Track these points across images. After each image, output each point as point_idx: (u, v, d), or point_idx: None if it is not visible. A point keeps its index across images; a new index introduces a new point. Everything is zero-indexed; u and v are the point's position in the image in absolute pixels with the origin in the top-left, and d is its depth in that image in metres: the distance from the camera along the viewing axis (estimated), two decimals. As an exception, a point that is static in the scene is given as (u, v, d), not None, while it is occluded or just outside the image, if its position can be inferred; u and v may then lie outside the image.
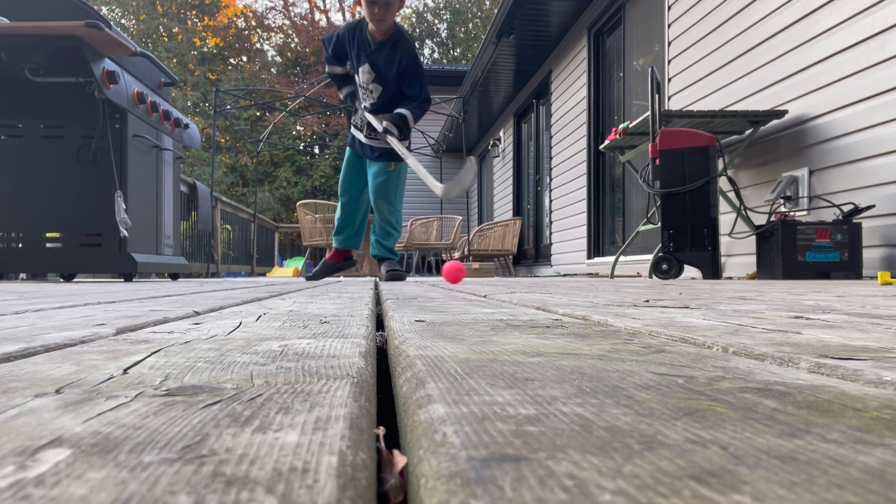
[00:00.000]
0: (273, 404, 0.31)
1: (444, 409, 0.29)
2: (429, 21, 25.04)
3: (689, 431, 0.25)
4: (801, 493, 0.18)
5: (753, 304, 1.16)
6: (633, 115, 5.85)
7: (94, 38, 3.38)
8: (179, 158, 4.75)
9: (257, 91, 17.34)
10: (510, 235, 8.87)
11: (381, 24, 3.70)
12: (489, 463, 0.21)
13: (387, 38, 3.77)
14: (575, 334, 0.65)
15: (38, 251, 3.73)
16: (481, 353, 0.50)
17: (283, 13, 24.78)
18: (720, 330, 0.68)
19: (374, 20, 3.67)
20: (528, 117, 9.85)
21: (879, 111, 3.11)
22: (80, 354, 0.50)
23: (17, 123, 3.76)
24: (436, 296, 1.64)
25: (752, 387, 0.35)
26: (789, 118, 3.72)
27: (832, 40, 3.39)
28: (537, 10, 6.83)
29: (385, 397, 0.47)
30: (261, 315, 0.94)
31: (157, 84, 4.36)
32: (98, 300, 1.36)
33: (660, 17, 5.40)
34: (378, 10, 3.63)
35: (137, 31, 21.58)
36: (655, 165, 3.58)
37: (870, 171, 3.19)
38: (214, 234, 7.35)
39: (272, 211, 18.99)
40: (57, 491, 0.19)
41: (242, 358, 0.48)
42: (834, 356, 0.47)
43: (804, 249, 3.23)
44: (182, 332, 0.68)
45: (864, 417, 0.28)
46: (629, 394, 0.33)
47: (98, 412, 0.29)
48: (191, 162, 19.08)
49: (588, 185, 6.96)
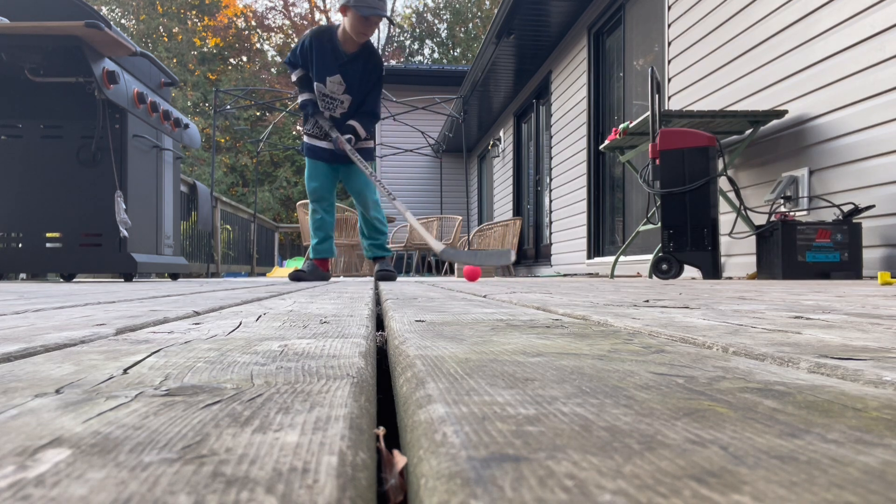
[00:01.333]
0: (273, 404, 0.31)
1: (444, 409, 0.29)
2: (429, 21, 25.04)
3: (689, 431, 0.25)
4: (801, 493, 0.18)
5: (753, 304, 1.16)
6: (633, 115, 5.85)
7: (94, 38, 3.38)
8: (179, 158, 4.75)
9: (257, 91, 17.34)
10: (510, 235, 8.87)
11: (362, 39, 3.74)
12: (489, 463, 0.21)
13: (359, 50, 3.80)
14: (575, 334, 0.65)
15: (38, 251, 3.73)
16: (481, 353, 0.49)
17: (283, 13, 24.80)
18: (720, 330, 0.68)
19: (360, 35, 3.69)
20: (528, 117, 9.85)
21: (879, 111, 3.11)
22: (80, 354, 0.50)
23: (17, 123, 3.76)
24: (436, 296, 1.64)
25: (752, 387, 0.35)
26: (789, 118, 3.72)
27: (832, 40, 3.39)
28: (537, 10, 6.83)
29: (385, 397, 0.47)
30: (261, 315, 0.94)
31: (157, 84, 4.36)
32: (98, 300, 1.36)
33: (660, 17, 5.40)
34: (370, 30, 3.70)
35: (137, 31, 21.59)
36: (655, 165, 3.58)
37: (870, 171, 3.19)
38: (214, 234, 7.35)
39: (272, 211, 19.00)
40: (57, 491, 0.19)
41: (242, 358, 0.48)
42: (834, 356, 0.47)
43: (804, 249, 3.23)
44: (182, 332, 0.68)
45: (864, 417, 0.28)
46: (629, 394, 0.33)
47: (98, 412, 0.29)
48: (191, 162, 19.08)
49: (588, 185, 6.96)
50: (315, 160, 4.05)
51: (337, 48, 3.77)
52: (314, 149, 4.04)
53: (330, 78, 3.82)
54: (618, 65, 6.54)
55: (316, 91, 3.88)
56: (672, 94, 5.04)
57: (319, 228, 4.10)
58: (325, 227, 4.09)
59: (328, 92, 3.86)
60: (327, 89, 3.85)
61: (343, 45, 3.76)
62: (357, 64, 3.81)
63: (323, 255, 4.15)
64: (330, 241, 4.16)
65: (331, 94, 3.87)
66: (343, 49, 3.77)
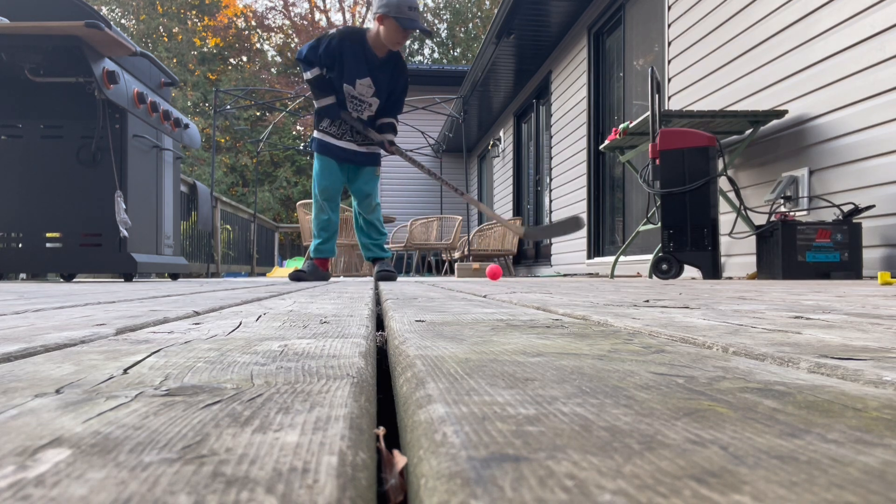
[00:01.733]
0: (273, 404, 0.31)
1: (444, 409, 0.29)
2: (429, 21, 25.04)
3: (689, 431, 0.25)
4: (801, 493, 0.18)
5: (753, 304, 1.16)
6: (633, 115, 5.85)
7: (94, 38, 3.38)
8: (179, 158, 4.75)
9: (257, 91, 17.34)
10: (510, 235, 8.86)
11: (397, 48, 3.81)
12: (489, 463, 0.21)
13: (388, 56, 3.85)
14: (575, 334, 0.65)
15: (38, 251, 3.73)
16: (481, 353, 0.49)
17: (283, 13, 24.80)
18: (720, 330, 0.68)
19: (395, 45, 3.76)
20: (528, 117, 9.85)
21: (879, 111, 3.11)
22: (80, 354, 0.50)
23: (17, 123, 3.75)
24: (436, 296, 1.64)
25: (752, 387, 0.35)
26: (789, 118, 3.72)
27: (832, 40, 3.39)
28: (537, 10, 6.83)
29: (385, 397, 0.47)
30: (261, 315, 0.94)
31: (157, 84, 4.36)
32: (98, 300, 1.36)
33: (660, 17, 5.40)
34: (405, 41, 3.79)
35: (137, 31, 21.59)
36: (655, 165, 3.58)
37: (870, 171, 3.19)
38: (214, 234, 7.35)
39: (272, 211, 19.00)
40: (57, 491, 0.19)
41: (242, 358, 0.48)
42: (834, 356, 0.47)
43: (804, 249, 3.23)
44: (182, 332, 0.68)
45: (864, 417, 0.28)
46: (629, 394, 0.33)
47: (98, 412, 0.29)
48: (191, 162, 19.08)
49: (588, 185, 6.97)
50: (328, 157, 3.99)
51: (368, 51, 3.80)
52: (328, 146, 3.99)
53: (360, 80, 3.83)
54: (618, 65, 6.54)
55: (344, 92, 3.86)
56: (672, 94, 5.04)
57: (325, 229, 4.06)
58: (331, 227, 4.07)
59: (357, 94, 3.86)
60: (356, 91, 3.86)
61: (374, 49, 3.80)
62: (387, 69, 3.87)
63: (325, 255, 4.13)
64: (334, 241, 4.14)
65: (360, 97, 3.87)
66: (374, 53, 3.81)
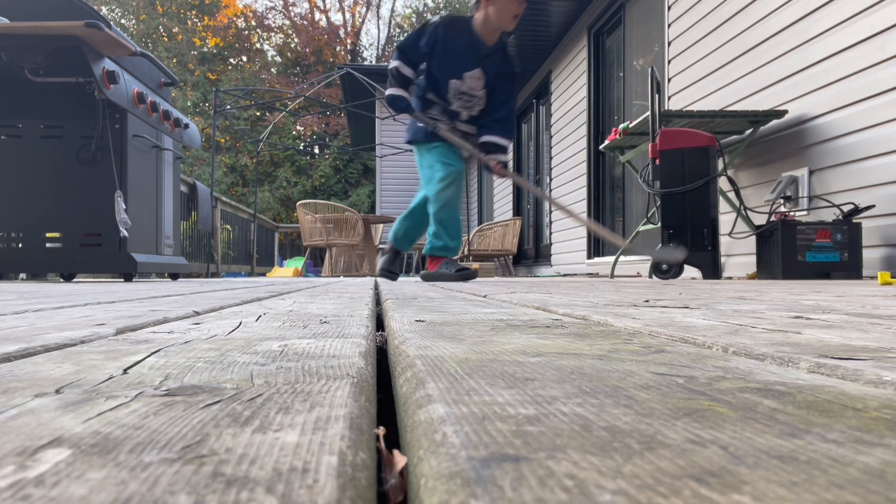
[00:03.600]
0: (273, 404, 0.31)
1: (444, 408, 0.29)
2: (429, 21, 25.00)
3: (689, 431, 0.25)
4: (801, 493, 0.18)
5: (753, 304, 1.16)
6: (633, 115, 5.85)
7: (94, 38, 3.37)
8: (179, 158, 4.75)
9: (257, 91, 17.35)
10: (510, 235, 8.87)
11: (514, 23, 3.35)
12: (489, 463, 0.21)
13: (498, 42, 3.45)
14: (575, 334, 0.65)
15: (38, 251, 3.73)
16: (481, 353, 0.49)
17: (283, 13, 24.78)
18: (720, 330, 0.68)
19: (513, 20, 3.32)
20: (528, 117, 9.85)
21: (879, 111, 3.11)
22: (80, 354, 0.50)
23: (17, 123, 3.75)
24: (436, 296, 1.64)
25: (752, 387, 0.35)
26: (789, 118, 3.72)
27: (832, 40, 3.39)
28: (537, 10, 6.83)
29: (385, 397, 0.47)
30: (261, 315, 0.94)
31: (157, 84, 4.36)
32: (98, 300, 1.36)
33: (660, 17, 5.40)
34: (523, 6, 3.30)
35: (137, 31, 21.58)
36: (655, 165, 3.58)
37: (870, 171, 3.19)
38: (214, 234, 7.35)
39: (272, 211, 19.00)
40: (57, 491, 0.19)
41: (242, 358, 0.48)
42: (834, 356, 0.47)
43: (804, 249, 3.23)
44: (182, 332, 0.68)
45: (864, 417, 0.28)
46: (629, 394, 0.33)
47: (98, 412, 0.29)
48: (191, 162, 19.08)
49: (588, 185, 6.97)
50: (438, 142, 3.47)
51: (476, 40, 3.38)
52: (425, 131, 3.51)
53: (468, 73, 3.41)
54: (618, 65, 6.54)
55: (450, 89, 3.44)
56: (672, 94, 5.04)
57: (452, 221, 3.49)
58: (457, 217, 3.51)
59: (466, 89, 3.44)
60: (465, 86, 3.43)
61: (483, 37, 3.38)
62: (496, 57, 3.45)
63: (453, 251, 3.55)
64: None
65: (469, 91, 3.45)
66: (482, 41, 3.39)
